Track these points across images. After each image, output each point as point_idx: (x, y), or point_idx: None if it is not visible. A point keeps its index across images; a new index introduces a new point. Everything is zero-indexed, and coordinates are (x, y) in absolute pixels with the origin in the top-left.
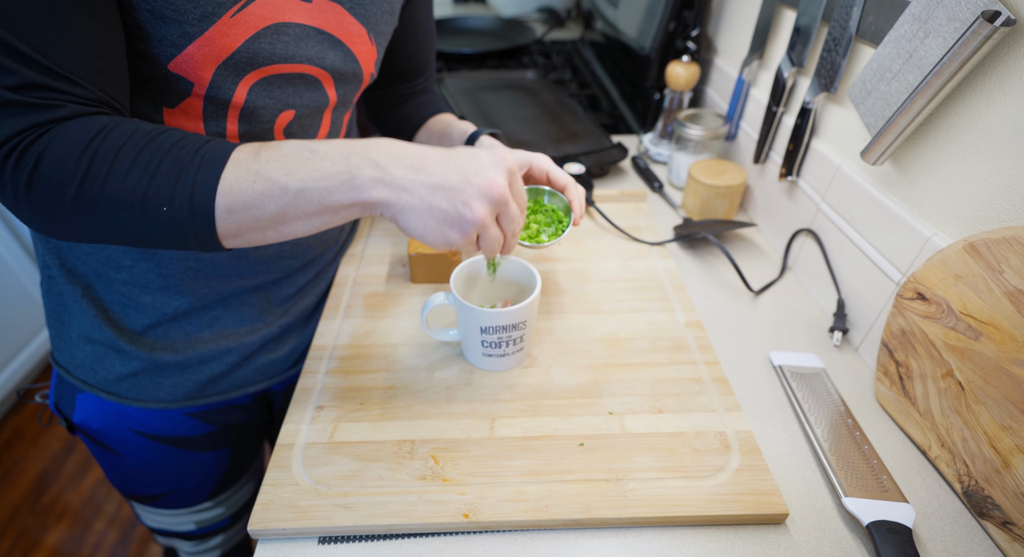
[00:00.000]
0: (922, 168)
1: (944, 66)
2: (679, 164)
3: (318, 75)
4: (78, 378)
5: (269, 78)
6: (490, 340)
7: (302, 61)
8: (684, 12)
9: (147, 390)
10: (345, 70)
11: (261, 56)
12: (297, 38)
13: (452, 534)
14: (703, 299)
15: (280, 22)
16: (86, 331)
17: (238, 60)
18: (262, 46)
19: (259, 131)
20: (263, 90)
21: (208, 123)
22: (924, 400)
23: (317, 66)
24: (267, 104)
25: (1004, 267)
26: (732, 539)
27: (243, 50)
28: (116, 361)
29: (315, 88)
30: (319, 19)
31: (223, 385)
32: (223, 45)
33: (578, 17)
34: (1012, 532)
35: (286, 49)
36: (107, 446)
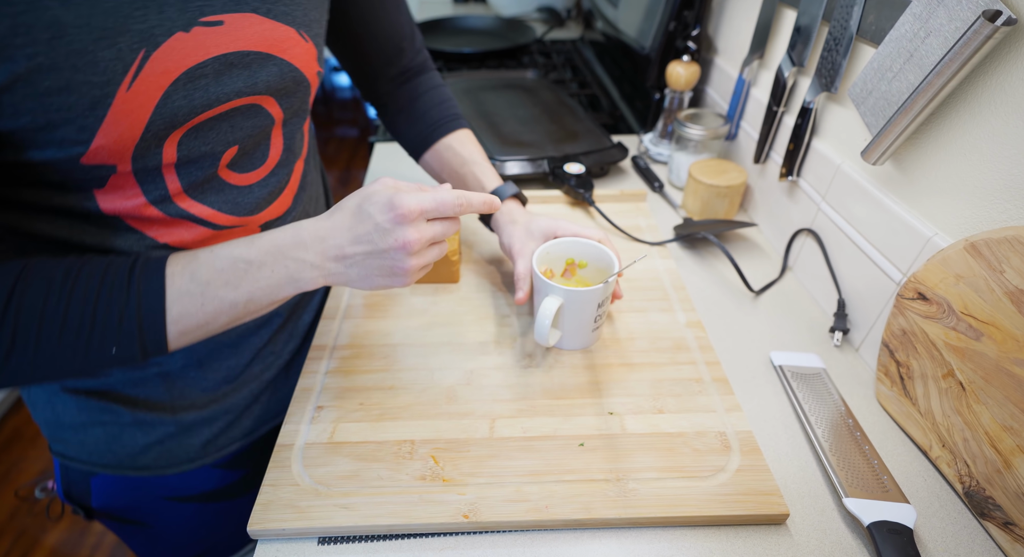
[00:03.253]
0: (923, 168)
1: (945, 66)
2: (679, 164)
3: (254, 101)
4: (91, 463)
5: (197, 127)
6: (600, 312)
7: (230, 97)
8: (684, 12)
9: (174, 454)
10: (284, 83)
11: (180, 114)
12: (216, 74)
13: (452, 534)
14: (703, 299)
15: (190, 67)
16: (94, 416)
17: (155, 130)
18: (177, 103)
19: (204, 177)
20: (194, 140)
21: (146, 188)
22: (925, 400)
23: (250, 95)
24: (204, 151)
25: (1005, 267)
26: (733, 539)
27: (156, 118)
28: (137, 433)
29: (255, 113)
30: (237, 40)
31: (247, 427)
32: (131, 123)
33: (578, 17)
34: (1013, 533)
35: (206, 94)
36: (134, 521)
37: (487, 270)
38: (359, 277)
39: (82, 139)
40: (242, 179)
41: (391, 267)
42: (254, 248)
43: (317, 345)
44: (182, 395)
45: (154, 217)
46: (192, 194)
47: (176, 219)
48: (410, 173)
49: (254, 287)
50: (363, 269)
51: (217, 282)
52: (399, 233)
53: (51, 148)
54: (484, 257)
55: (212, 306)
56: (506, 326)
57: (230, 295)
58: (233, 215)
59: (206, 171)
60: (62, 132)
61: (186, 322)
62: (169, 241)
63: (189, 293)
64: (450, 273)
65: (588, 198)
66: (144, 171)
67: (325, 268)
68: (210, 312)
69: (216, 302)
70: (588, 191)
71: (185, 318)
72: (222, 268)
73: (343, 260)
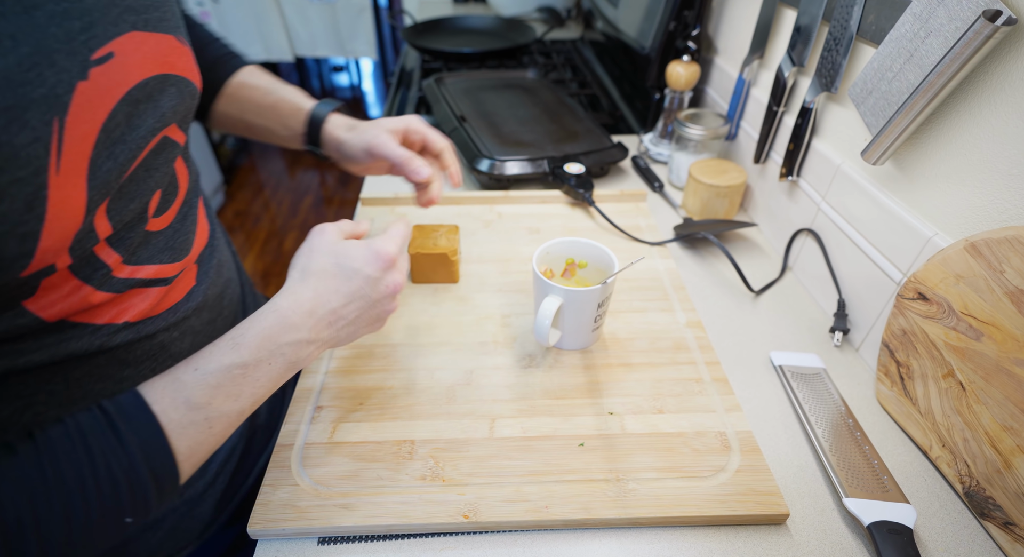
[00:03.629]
0: (923, 168)
1: (945, 66)
2: (679, 164)
3: (164, 134)
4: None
5: (119, 193)
6: (600, 312)
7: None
8: (684, 12)
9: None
10: (184, 103)
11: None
12: (127, 118)
13: (452, 534)
14: (703, 299)
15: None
16: None
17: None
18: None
19: (138, 238)
20: (120, 201)
21: (84, 274)
22: (925, 400)
23: (160, 129)
24: (133, 209)
25: (1005, 267)
26: (732, 539)
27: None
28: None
29: (163, 147)
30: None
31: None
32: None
33: (578, 16)
34: (1013, 533)
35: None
36: None
37: (487, 270)
38: (348, 335)
39: (26, 251)
40: (163, 221)
41: (379, 314)
42: (243, 349)
43: None
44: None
45: (101, 301)
46: (132, 261)
47: (125, 293)
48: None
49: (256, 388)
50: (354, 326)
51: (218, 399)
52: (389, 279)
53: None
54: (484, 257)
55: (220, 425)
56: (506, 326)
57: (235, 407)
58: (175, 262)
59: (137, 230)
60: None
61: (198, 452)
62: (128, 318)
63: (193, 423)
64: (450, 273)
65: (588, 198)
66: (81, 259)
67: (320, 339)
68: (219, 431)
69: (224, 420)
70: (588, 191)
71: (196, 449)
72: (217, 383)
73: (335, 324)
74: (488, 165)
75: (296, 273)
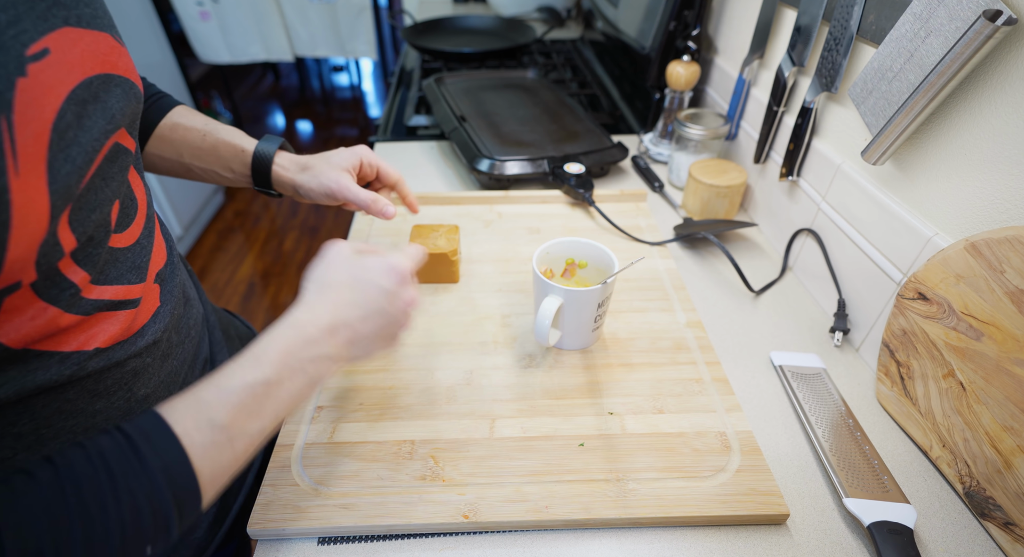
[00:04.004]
0: (923, 168)
1: (945, 65)
2: (679, 164)
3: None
4: None
5: (79, 201)
6: (600, 312)
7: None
8: (685, 11)
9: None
10: (131, 106)
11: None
12: (77, 119)
13: (452, 534)
14: (703, 299)
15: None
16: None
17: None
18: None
19: (102, 255)
20: (84, 211)
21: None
22: (925, 400)
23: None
24: (95, 220)
25: (1006, 267)
26: (733, 540)
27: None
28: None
29: (119, 156)
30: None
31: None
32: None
33: (578, 16)
34: (1014, 533)
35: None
36: None
37: (487, 270)
38: (364, 351)
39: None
40: (127, 238)
41: (396, 331)
42: (266, 366)
43: None
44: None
45: (69, 324)
46: (99, 280)
47: (93, 316)
48: (409, 174)
49: (278, 405)
50: (371, 341)
51: (240, 418)
52: (406, 294)
53: None
54: (484, 257)
55: (242, 445)
56: (506, 326)
57: (257, 426)
58: (139, 283)
59: (103, 245)
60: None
61: (222, 475)
62: (98, 344)
63: (216, 444)
64: (450, 273)
65: (588, 198)
66: (47, 277)
67: (341, 356)
68: (241, 452)
69: (245, 439)
70: (588, 191)
71: (220, 472)
72: (240, 402)
73: (353, 340)
74: (488, 165)
75: (312, 286)
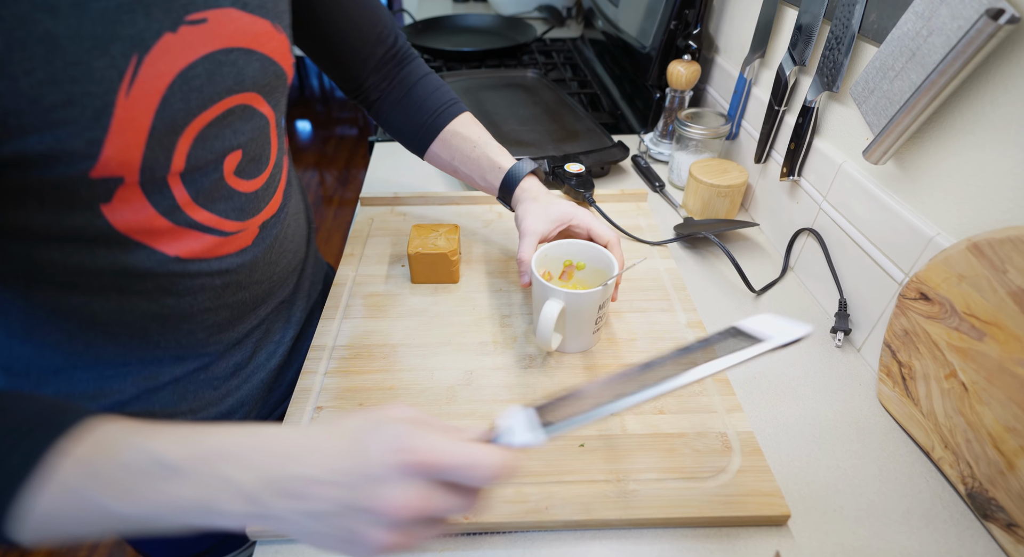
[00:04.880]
0: (925, 167)
1: (947, 64)
2: (680, 163)
3: (245, 100)
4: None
5: (202, 133)
6: (601, 313)
7: (223, 95)
8: (685, 10)
9: None
10: (267, 78)
11: (180, 117)
12: (208, 74)
13: (452, 535)
14: (704, 299)
15: (183, 68)
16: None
17: (159, 136)
18: (175, 106)
19: (210, 185)
20: (200, 147)
21: (154, 199)
22: (927, 401)
23: (240, 92)
24: (209, 158)
25: (1008, 267)
26: (734, 541)
27: (158, 123)
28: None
29: (250, 115)
30: (220, 37)
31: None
32: (135, 131)
33: (578, 15)
34: (1016, 534)
35: (201, 95)
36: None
37: (487, 270)
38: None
39: (91, 153)
40: (249, 186)
41: (353, 532)
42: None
43: (317, 345)
44: (196, 398)
45: (163, 228)
46: (201, 203)
47: (184, 228)
48: (409, 173)
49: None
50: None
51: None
52: (390, 489)
53: (59, 166)
54: (484, 257)
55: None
56: (506, 326)
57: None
58: (238, 220)
59: (212, 178)
60: (71, 147)
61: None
62: (181, 254)
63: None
64: (450, 273)
65: (589, 198)
66: (151, 182)
67: (266, 505)
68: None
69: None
70: (588, 191)
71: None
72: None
73: (298, 499)
74: None
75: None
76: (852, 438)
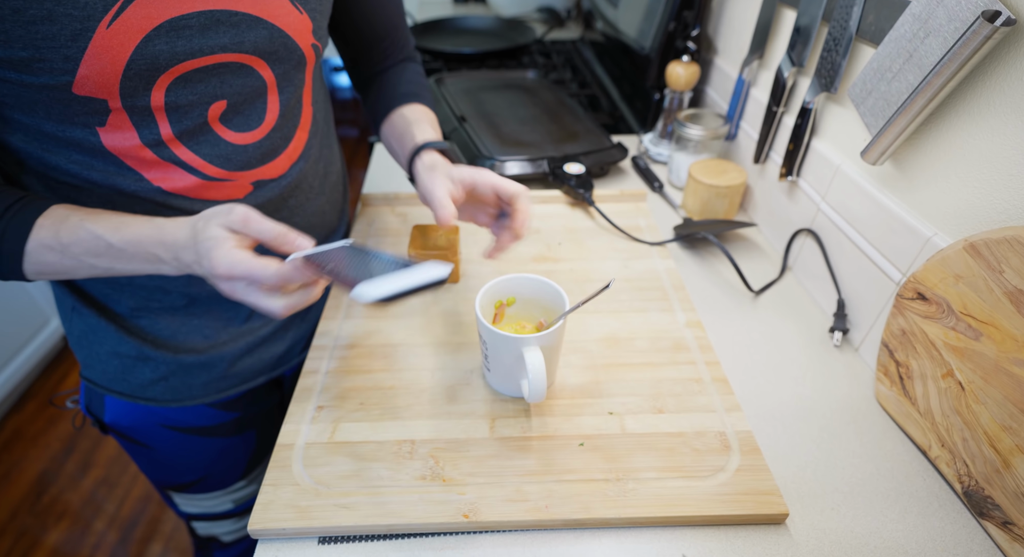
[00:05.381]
0: (922, 168)
1: (944, 66)
2: (679, 164)
3: (242, 60)
4: (109, 389)
5: (185, 76)
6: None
7: (215, 51)
8: (684, 12)
9: (176, 391)
10: (274, 47)
11: (162, 58)
12: (202, 28)
13: (452, 534)
14: (703, 299)
15: (175, 16)
16: (113, 347)
17: (138, 69)
18: (159, 49)
19: (193, 127)
20: (182, 88)
21: (141, 132)
22: (924, 400)
23: (236, 52)
24: (191, 100)
25: (1004, 267)
26: (732, 539)
27: (137, 58)
28: (145, 369)
29: (244, 73)
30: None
31: (242, 376)
32: (112, 59)
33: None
34: (1012, 532)
35: (190, 44)
36: (139, 441)
37: (487, 270)
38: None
39: (68, 68)
40: (237, 137)
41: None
42: (117, 235)
43: (317, 345)
44: (185, 338)
45: (149, 159)
46: (184, 141)
47: (168, 163)
48: None
49: (114, 263)
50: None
51: (77, 248)
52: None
53: (44, 75)
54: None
55: (71, 263)
56: None
57: (90, 261)
58: (223, 169)
59: (195, 121)
60: (50, 60)
61: (45, 267)
62: (164, 186)
63: (50, 248)
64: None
65: (588, 198)
66: (135, 110)
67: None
68: (70, 266)
69: (75, 261)
70: (588, 191)
71: (44, 265)
72: (83, 239)
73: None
74: (488, 165)
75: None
76: (850, 437)
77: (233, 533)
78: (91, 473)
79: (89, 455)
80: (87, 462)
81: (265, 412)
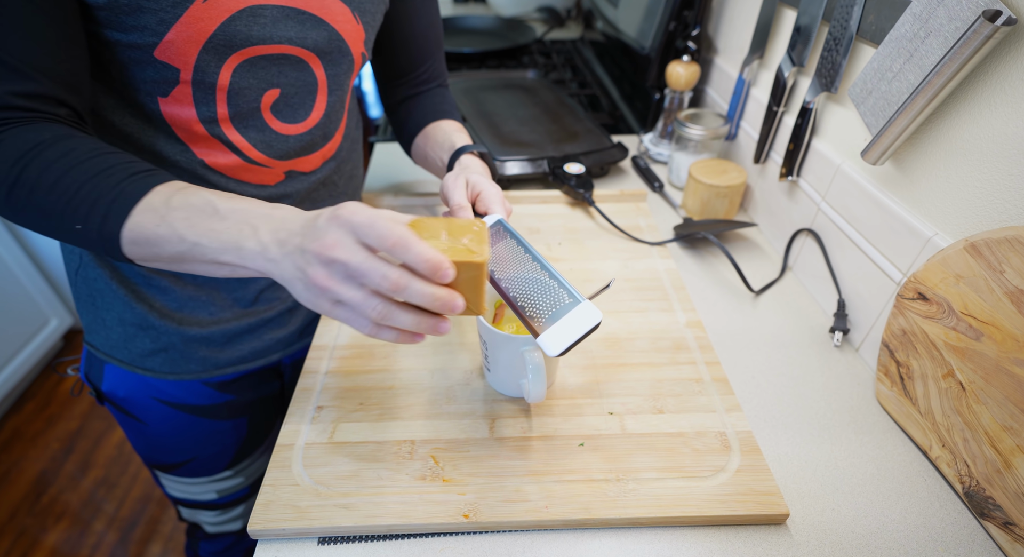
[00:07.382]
0: (923, 168)
1: (945, 66)
2: (679, 164)
3: (302, 55)
4: (110, 355)
5: (252, 59)
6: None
7: (282, 42)
8: (684, 12)
9: (175, 363)
10: (330, 49)
11: (238, 38)
12: (274, 19)
13: (452, 534)
14: (703, 299)
15: (255, 4)
16: (119, 313)
17: (217, 43)
18: (238, 29)
19: (246, 111)
20: (246, 71)
21: (199, 108)
22: (925, 400)
23: (299, 46)
24: (251, 84)
25: (1005, 267)
26: (732, 539)
27: (220, 33)
28: (146, 338)
29: (301, 68)
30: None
31: (241, 355)
32: (199, 29)
33: (578, 17)
34: (1013, 533)
35: (263, 31)
36: (132, 415)
37: None
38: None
39: (159, 30)
40: (283, 127)
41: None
42: (227, 203)
43: (317, 345)
44: (191, 312)
45: (200, 134)
46: (235, 123)
47: (216, 141)
48: (409, 173)
49: (206, 233)
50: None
51: (181, 213)
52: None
53: (134, 32)
54: None
55: (164, 231)
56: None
57: (183, 230)
58: (264, 154)
59: (249, 104)
60: (145, 18)
61: (138, 233)
62: (207, 160)
63: (154, 211)
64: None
65: (588, 198)
66: (201, 87)
67: (268, 250)
68: (161, 235)
69: (168, 229)
70: (588, 191)
71: (139, 228)
72: (194, 204)
73: (282, 246)
74: None
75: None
76: (850, 437)
77: (216, 525)
78: (90, 473)
79: (88, 455)
80: (86, 462)
81: (260, 400)
